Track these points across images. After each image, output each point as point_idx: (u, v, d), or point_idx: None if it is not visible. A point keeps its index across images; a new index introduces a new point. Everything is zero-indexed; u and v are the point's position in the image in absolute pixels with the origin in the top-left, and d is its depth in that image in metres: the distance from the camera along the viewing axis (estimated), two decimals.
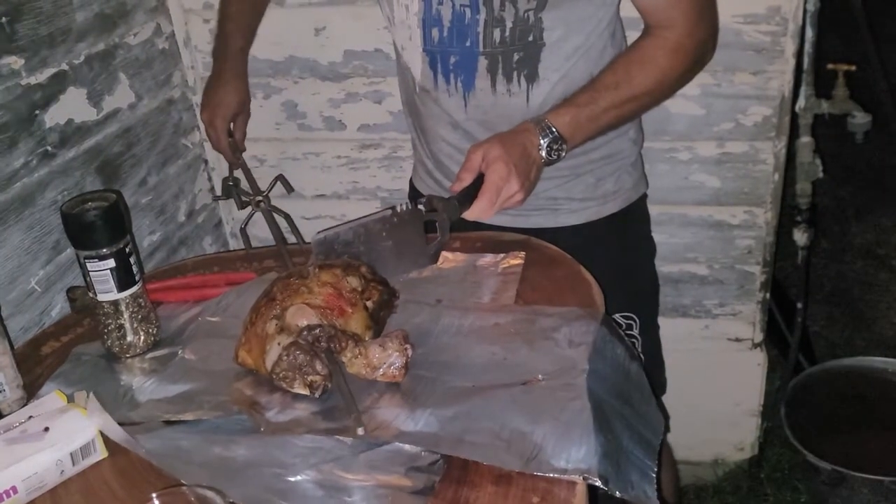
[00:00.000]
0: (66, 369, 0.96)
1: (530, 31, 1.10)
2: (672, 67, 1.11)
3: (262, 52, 1.55)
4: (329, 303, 0.88)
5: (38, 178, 1.22)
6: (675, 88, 1.17)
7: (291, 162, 1.66)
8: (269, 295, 0.90)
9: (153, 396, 0.89)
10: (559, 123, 1.07)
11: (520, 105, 1.15)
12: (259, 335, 0.87)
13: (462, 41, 1.12)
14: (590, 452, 0.73)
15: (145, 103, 1.47)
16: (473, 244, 1.11)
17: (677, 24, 1.09)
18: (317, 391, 0.83)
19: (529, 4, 1.07)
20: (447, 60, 1.14)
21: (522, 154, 1.04)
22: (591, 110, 1.08)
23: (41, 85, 1.22)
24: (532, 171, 1.06)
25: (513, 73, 1.13)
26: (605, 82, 1.09)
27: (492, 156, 1.03)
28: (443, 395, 0.83)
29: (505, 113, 1.15)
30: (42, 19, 1.21)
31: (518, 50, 1.11)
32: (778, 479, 1.82)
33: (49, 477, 0.79)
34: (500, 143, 1.05)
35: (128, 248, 0.94)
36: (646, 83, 1.10)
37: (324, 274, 0.91)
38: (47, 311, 1.23)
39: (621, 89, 1.09)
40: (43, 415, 0.83)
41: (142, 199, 1.47)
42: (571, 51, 1.13)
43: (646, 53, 1.10)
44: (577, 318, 0.92)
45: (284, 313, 0.87)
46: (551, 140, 1.06)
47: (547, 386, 0.82)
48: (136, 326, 0.96)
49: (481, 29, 1.10)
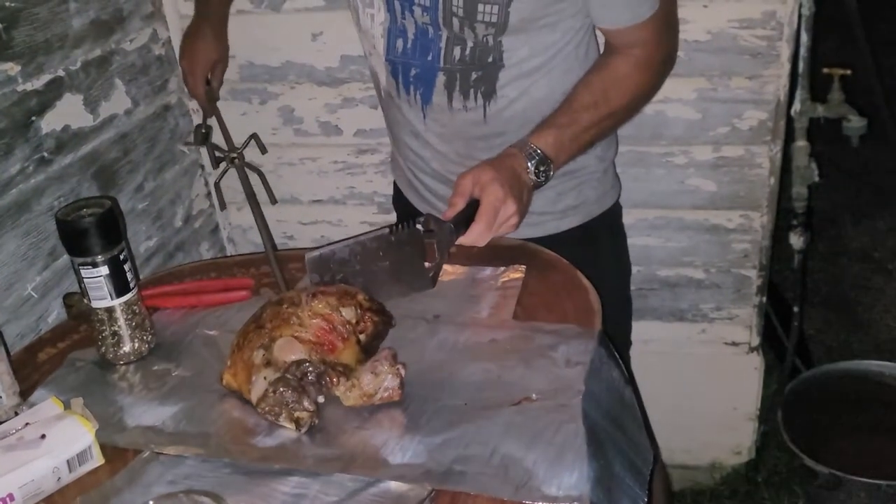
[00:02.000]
0: (60, 375, 0.96)
1: (490, 53, 1.10)
2: (644, 82, 1.14)
3: (259, 57, 1.56)
4: (319, 337, 0.86)
5: (35, 184, 1.22)
6: (648, 99, 1.20)
7: (288, 167, 1.66)
8: (259, 321, 0.88)
9: (141, 422, 0.87)
10: (543, 145, 1.07)
11: (476, 120, 1.16)
12: (245, 362, 0.86)
13: (424, 55, 1.12)
14: (581, 478, 0.72)
15: (141, 109, 1.47)
16: (469, 251, 1.11)
17: (645, 43, 1.10)
18: (303, 427, 0.81)
19: (488, 31, 1.07)
20: (408, 72, 1.15)
21: (513, 177, 1.04)
22: (573, 130, 1.09)
23: (37, 91, 1.22)
24: (524, 194, 1.06)
25: (470, 91, 1.13)
26: (584, 102, 1.10)
27: (485, 179, 1.02)
28: (434, 416, 0.82)
29: (461, 129, 1.17)
30: (38, 26, 1.21)
31: (477, 69, 1.12)
32: (775, 482, 1.82)
33: (46, 484, 0.79)
34: (491, 167, 1.05)
35: (122, 255, 0.93)
36: (621, 101, 1.12)
37: (317, 304, 0.88)
38: (44, 317, 1.23)
39: (599, 108, 1.10)
40: (39, 422, 0.83)
41: (138, 204, 1.47)
42: (531, 70, 1.13)
43: (619, 71, 1.12)
44: (575, 336, 0.91)
45: (272, 345, 0.85)
46: (538, 162, 1.06)
47: (541, 406, 0.81)
48: (130, 333, 0.96)
49: (443, 45, 1.10)
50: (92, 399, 0.89)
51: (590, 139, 1.13)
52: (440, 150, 1.21)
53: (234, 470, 0.79)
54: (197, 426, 0.85)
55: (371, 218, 1.68)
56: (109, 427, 0.86)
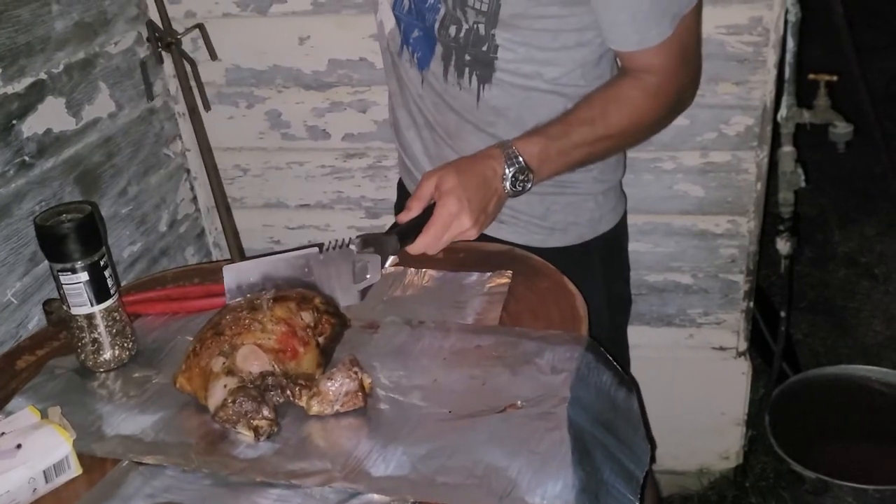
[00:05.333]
0: (38, 383, 0.94)
1: (483, 42, 1.06)
2: (651, 110, 1.07)
3: (246, 60, 1.55)
4: (283, 343, 0.84)
5: (16, 188, 1.20)
6: (652, 131, 1.13)
7: (275, 171, 1.65)
8: (217, 327, 0.86)
9: (120, 431, 0.85)
10: (527, 153, 1.02)
11: (469, 102, 1.11)
12: (202, 368, 0.84)
13: (423, 21, 1.09)
14: (566, 487, 0.71)
15: (126, 113, 1.46)
16: (457, 255, 1.11)
17: (659, 70, 1.05)
18: (262, 436, 0.80)
19: (479, 18, 1.04)
20: (410, 32, 1.11)
21: (480, 185, 1.00)
22: (563, 144, 1.04)
23: (19, 94, 1.20)
24: (490, 204, 1.01)
25: (465, 70, 1.09)
26: (580, 117, 1.05)
27: (445, 187, 0.99)
28: (418, 425, 0.81)
29: (455, 105, 1.12)
30: (20, 28, 1.20)
31: (471, 53, 1.07)
32: (763, 488, 1.82)
33: (21, 495, 0.78)
34: (457, 172, 1.00)
35: (103, 261, 0.92)
36: (621, 123, 1.06)
37: (278, 308, 0.86)
38: (24, 323, 1.22)
39: (596, 126, 1.05)
40: (15, 431, 0.82)
41: (122, 209, 1.46)
42: (530, 74, 1.08)
43: (624, 93, 1.06)
44: (561, 342, 0.90)
45: (234, 353, 0.83)
46: (517, 170, 1.01)
47: (526, 414, 0.80)
48: (111, 341, 0.95)
49: (439, 18, 1.07)
50: (71, 407, 0.88)
51: (580, 157, 1.07)
52: (434, 119, 1.16)
53: (214, 482, 0.78)
54: (177, 436, 0.84)
55: (359, 222, 1.67)
56: (88, 436, 0.85)
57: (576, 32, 1.06)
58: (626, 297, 1.34)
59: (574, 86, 1.10)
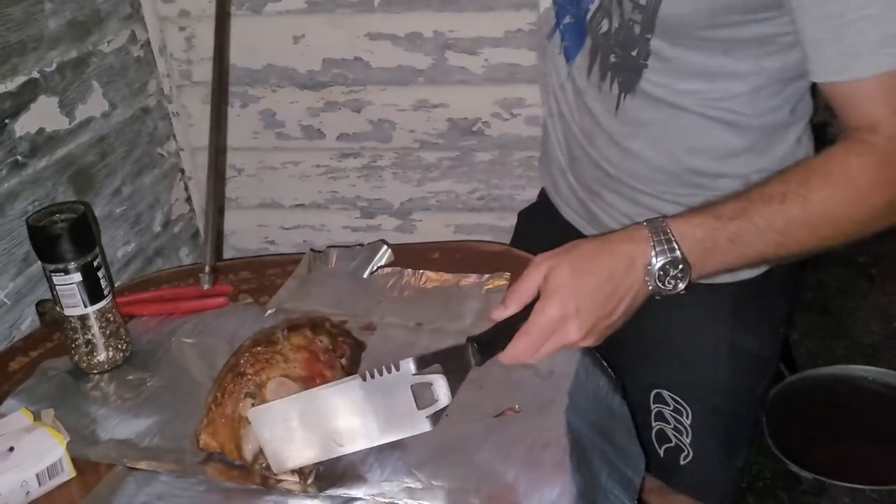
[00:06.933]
0: (31, 385, 0.93)
1: (634, 46, 0.87)
2: (874, 186, 0.75)
3: (240, 60, 1.54)
4: (309, 370, 0.78)
5: (8, 188, 1.19)
6: (878, 222, 0.78)
7: (270, 171, 1.64)
8: (237, 369, 0.78)
9: (114, 435, 0.84)
10: (686, 239, 0.76)
11: (608, 108, 0.92)
12: (228, 417, 0.76)
13: (577, 7, 0.93)
14: (564, 493, 0.71)
15: (119, 112, 1.45)
16: (453, 255, 1.10)
17: (886, 124, 0.74)
18: (309, 477, 0.75)
19: (634, 14, 0.84)
20: (563, 17, 0.95)
21: (600, 287, 0.77)
22: (738, 228, 0.76)
23: (11, 93, 1.19)
24: (615, 314, 0.78)
25: (607, 73, 0.91)
26: (768, 191, 0.77)
27: (552, 284, 0.77)
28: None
29: (593, 107, 0.95)
30: (12, 26, 1.19)
31: (617, 55, 0.89)
32: (759, 488, 1.82)
33: (14, 498, 0.77)
34: (571, 266, 0.78)
35: (96, 262, 0.91)
36: (828, 202, 0.75)
37: (294, 337, 0.81)
38: (17, 324, 1.20)
39: (789, 204, 0.75)
40: (7, 434, 0.81)
41: (116, 209, 1.45)
42: (685, 93, 0.86)
43: (835, 161, 0.77)
44: None
45: (262, 391, 0.76)
46: (669, 262, 0.76)
47: (523, 418, 0.80)
48: (104, 342, 0.94)
49: (592, 8, 0.90)
50: (64, 410, 0.87)
51: (763, 249, 0.78)
52: (572, 116, 1.01)
53: (208, 488, 0.77)
54: (171, 441, 0.83)
55: (353, 222, 1.66)
56: (81, 440, 0.84)
57: (754, 47, 0.82)
58: (762, 357, 1.04)
59: (737, 113, 0.88)
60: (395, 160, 1.58)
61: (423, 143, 1.54)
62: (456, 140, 1.53)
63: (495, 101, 1.47)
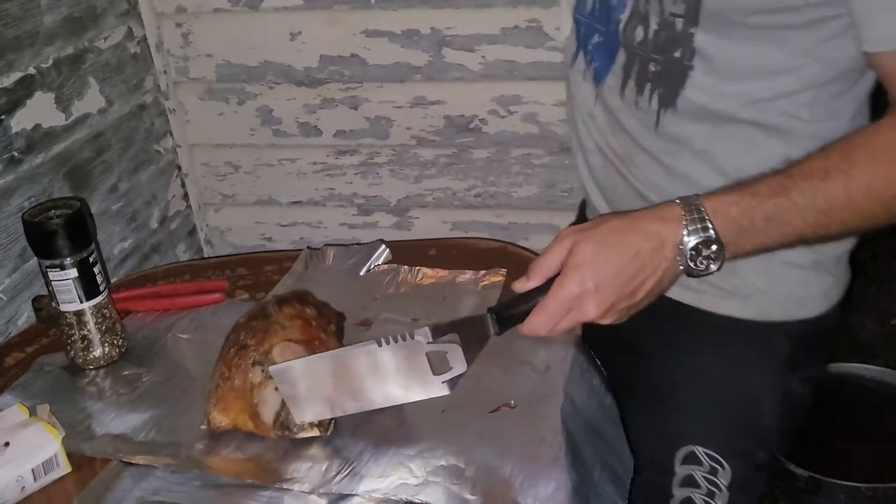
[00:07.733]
0: (27, 380, 0.94)
1: (677, 44, 0.79)
2: None
3: (237, 56, 1.53)
4: (306, 334, 0.83)
5: (4, 184, 1.19)
6: None
7: (266, 168, 1.64)
8: (239, 343, 0.82)
9: (110, 429, 0.85)
10: (721, 217, 0.71)
11: (647, 124, 0.85)
12: (240, 388, 0.79)
13: (606, 22, 0.86)
14: (559, 488, 0.71)
15: (116, 108, 1.44)
16: (450, 252, 1.10)
17: None
18: (329, 429, 0.78)
19: (676, 7, 0.78)
20: (590, 38, 0.89)
21: (624, 266, 0.73)
22: (776, 206, 0.71)
23: (7, 89, 1.19)
24: (638, 294, 0.74)
25: (645, 86, 0.84)
26: (809, 167, 0.72)
27: (574, 259, 0.74)
28: (410, 425, 0.80)
29: (629, 126, 0.88)
30: (8, 22, 1.18)
31: (657, 61, 0.82)
32: None
33: (9, 493, 0.77)
34: (596, 243, 0.74)
35: (92, 258, 0.91)
36: (872, 179, 0.71)
37: (286, 308, 0.85)
38: (13, 320, 1.20)
39: (831, 181, 0.71)
40: (3, 429, 0.81)
41: (112, 205, 1.45)
42: (732, 107, 0.80)
43: (881, 135, 0.73)
44: (555, 341, 0.89)
45: (269, 355, 0.80)
46: (701, 242, 0.71)
47: (519, 413, 0.80)
48: (100, 338, 0.94)
49: (625, 17, 0.83)
50: (60, 405, 0.87)
51: (803, 226, 0.73)
52: (606, 142, 0.93)
53: (204, 483, 0.77)
54: (167, 435, 0.83)
55: (350, 219, 1.66)
56: (77, 435, 0.84)
57: (806, 34, 0.75)
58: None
59: (791, 116, 0.80)
60: (392, 157, 1.58)
61: (420, 140, 1.54)
62: (453, 137, 1.53)
63: (492, 98, 1.47)
